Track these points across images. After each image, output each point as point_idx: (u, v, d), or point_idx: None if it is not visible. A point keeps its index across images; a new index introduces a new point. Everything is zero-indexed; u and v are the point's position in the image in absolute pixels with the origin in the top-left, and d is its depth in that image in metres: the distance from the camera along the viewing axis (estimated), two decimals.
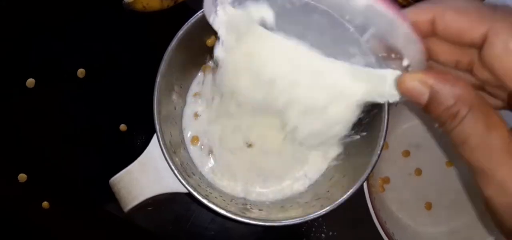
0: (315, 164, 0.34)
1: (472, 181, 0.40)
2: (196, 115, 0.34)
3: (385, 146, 0.32)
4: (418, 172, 0.41)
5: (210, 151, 0.34)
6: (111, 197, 0.39)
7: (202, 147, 0.34)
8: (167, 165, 0.28)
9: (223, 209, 0.28)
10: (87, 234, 0.40)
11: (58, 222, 0.39)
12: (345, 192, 0.29)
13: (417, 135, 0.41)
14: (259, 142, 0.33)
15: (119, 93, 0.40)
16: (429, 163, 0.41)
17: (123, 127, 0.40)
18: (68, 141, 0.40)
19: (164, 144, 0.28)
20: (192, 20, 0.29)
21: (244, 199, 0.33)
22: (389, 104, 0.29)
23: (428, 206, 0.41)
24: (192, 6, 0.41)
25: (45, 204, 0.39)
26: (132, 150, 0.40)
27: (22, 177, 0.39)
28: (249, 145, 0.33)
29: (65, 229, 0.40)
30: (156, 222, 0.40)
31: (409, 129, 0.42)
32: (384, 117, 0.28)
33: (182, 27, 0.29)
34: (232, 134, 0.33)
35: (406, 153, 0.41)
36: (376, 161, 0.28)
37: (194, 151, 0.33)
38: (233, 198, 0.33)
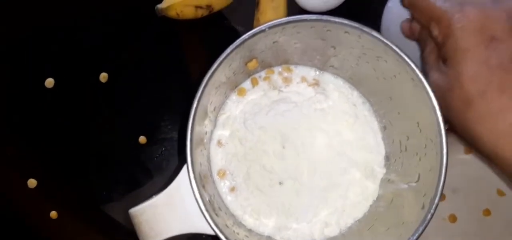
0: (351, 206, 0.31)
1: (511, 232, 0.38)
2: (220, 143, 0.31)
3: None
4: (453, 218, 0.39)
5: (236, 186, 0.31)
6: (123, 213, 0.37)
7: (227, 180, 0.31)
8: (194, 200, 0.26)
9: None
10: None
11: (65, 234, 0.37)
12: None
13: (455, 178, 0.39)
14: (290, 180, 0.31)
15: (141, 103, 0.38)
16: (466, 209, 0.38)
17: (142, 139, 0.38)
18: (83, 149, 0.37)
19: (195, 178, 0.25)
20: (237, 43, 0.26)
21: (270, 239, 0.31)
22: (447, 160, 0.26)
23: None
24: (227, 16, 0.38)
25: (53, 214, 0.37)
26: (149, 165, 0.37)
27: (32, 182, 0.37)
28: (280, 183, 0.31)
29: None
30: None
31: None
32: (442, 172, 0.26)
33: (226, 50, 0.26)
34: (260, 171, 0.31)
35: (442, 197, 0.39)
36: (429, 221, 0.26)
37: (220, 183, 0.31)
38: (260, 238, 0.30)
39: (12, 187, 0.37)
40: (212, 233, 0.26)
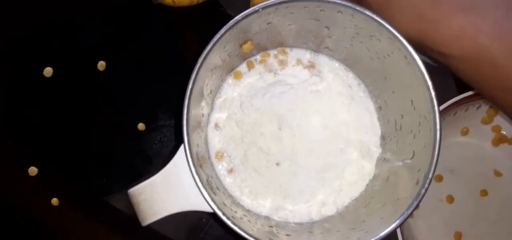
0: (348, 186, 0.32)
1: (508, 213, 0.38)
2: (217, 126, 0.32)
3: None
4: (450, 199, 0.39)
5: (233, 168, 0.31)
6: (123, 199, 0.37)
7: (225, 162, 0.31)
8: (192, 179, 0.26)
9: (249, 234, 0.26)
10: (95, 236, 0.38)
11: (66, 221, 0.38)
12: (385, 226, 0.26)
13: (451, 159, 0.39)
14: (287, 161, 0.31)
15: (140, 90, 0.38)
16: (463, 190, 0.39)
17: (141, 126, 0.38)
18: (83, 137, 0.38)
19: (192, 158, 0.26)
20: (230, 24, 0.26)
21: (268, 218, 0.31)
22: (441, 137, 0.26)
23: (458, 236, 0.38)
24: (223, 4, 0.38)
25: (55, 200, 0.37)
26: (149, 152, 0.38)
27: (33, 170, 0.37)
28: (277, 164, 0.31)
29: (73, 229, 0.38)
30: (169, 228, 0.38)
31: (443, 152, 0.39)
32: (435, 147, 0.26)
33: (219, 31, 0.26)
34: (257, 153, 0.31)
35: (439, 178, 0.39)
36: (423, 196, 0.26)
37: (218, 165, 0.31)
38: (257, 218, 0.30)
39: (12, 175, 0.37)
40: (209, 210, 0.26)
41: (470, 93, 0.34)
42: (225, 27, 0.26)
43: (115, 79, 0.38)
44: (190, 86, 0.26)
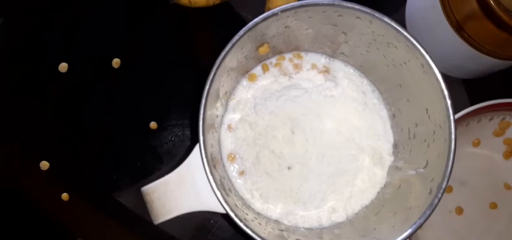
0: (359, 193, 0.32)
1: None
2: (230, 127, 0.32)
3: None
4: (459, 210, 0.39)
5: (245, 170, 0.31)
6: (132, 196, 0.37)
7: (237, 164, 0.31)
8: (205, 180, 0.26)
9: (260, 237, 0.26)
10: (104, 232, 0.38)
11: (76, 216, 0.38)
12: (397, 234, 0.26)
13: (462, 171, 0.39)
14: (298, 166, 0.31)
15: (153, 88, 0.38)
16: (472, 202, 0.39)
17: (153, 125, 0.38)
18: (95, 133, 0.38)
19: (207, 158, 0.26)
20: (249, 26, 0.26)
21: (278, 222, 0.31)
22: (455, 147, 0.26)
23: None
24: (238, 6, 0.39)
25: (65, 195, 0.37)
26: (160, 150, 0.38)
27: (45, 164, 0.37)
28: (289, 168, 0.31)
29: (82, 224, 0.38)
30: (177, 228, 0.38)
31: (454, 164, 0.39)
32: (450, 157, 0.26)
33: (238, 33, 0.26)
34: (269, 156, 0.31)
35: (449, 189, 0.39)
36: (436, 205, 0.26)
37: (229, 166, 0.31)
38: (268, 221, 0.30)
39: (24, 168, 0.37)
40: (222, 211, 0.26)
41: (483, 104, 0.34)
42: (244, 29, 0.26)
43: (129, 77, 0.38)
44: (207, 86, 0.26)
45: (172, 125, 0.38)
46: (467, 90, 0.40)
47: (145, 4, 0.39)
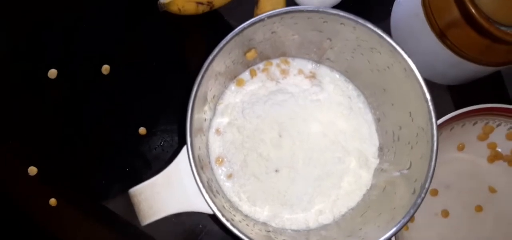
0: (345, 195, 0.32)
1: (502, 229, 0.38)
2: (218, 131, 0.32)
3: None
4: (445, 213, 0.39)
5: (233, 173, 0.32)
6: (121, 202, 0.37)
7: (224, 167, 0.32)
8: (192, 181, 0.26)
9: (248, 237, 0.26)
10: (92, 238, 0.38)
11: (64, 222, 0.38)
12: (381, 233, 0.27)
13: (447, 175, 0.39)
14: (285, 169, 0.32)
15: (142, 94, 0.39)
16: (458, 205, 0.39)
17: (142, 130, 0.38)
18: (84, 138, 0.38)
19: (194, 159, 0.26)
20: (237, 31, 0.27)
21: (266, 224, 0.31)
22: (437, 148, 0.27)
23: None
24: (227, 14, 0.39)
25: (53, 201, 0.37)
26: (149, 156, 0.38)
27: (32, 170, 0.37)
28: (276, 171, 0.32)
29: (70, 230, 0.38)
30: (166, 233, 0.38)
31: (439, 167, 0.40)
32: (432, 158, 0.26)
33: (226, 37, 0.27)
34: (257, 159, 0.32)
35: (434, 192, 0.39)
36: (419, 205, 0.26)
37: (218, 170, 0.32)
38: (255, 223, 0.31)
39: (12, 174, 0.37)
40: (209, 212, 0.26)
41: (467, 109, 0.35)
42: (231, 33, 0.27)
43: (118, 83, 0.38)
44: (195, 89, 0.27)
45: (161, 131, 0.38)
46: (452, 95, 0.41)
47: (135, 11, 0.39)
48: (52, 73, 0.38)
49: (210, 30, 0.39)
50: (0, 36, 0.39)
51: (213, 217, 0.26)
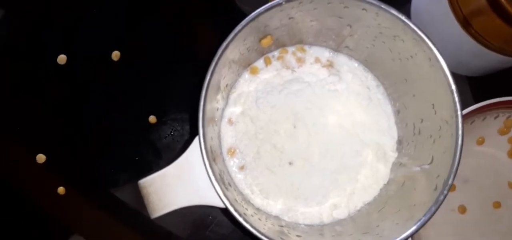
0: (362, 189, 0.31)
1: None
2: (230, 121, 0.31)
3: None
4: (462, 209, 0.38)
5: (245, 164, 0.31)
6: (129, 191, 0.37)
7: (237, 159, 0.31)
8: (204, 173, 0.25)
9: (260, 232, 0.25)
10: (100, 227, 0.37)
11: (72, 210, 0.37)
12: (400, 231, 0.25)
13: (466, 169, 0.38)
14: (300, 161, 0.30)
15: (153, 82, 0.38)
16: (476, 201, 0.38)
17: (152, 119, 0.37)
18: (93, 127, 0.37)
19: (206, 151, 0.25)
20: (252, 16, 0.26)
21: (278, 218, 0.30)
22: (462, 142, 0.25)
23: None
24: (238, 2, 0.38)
25: (61, 189, 0.36)
26: (158, 145, 0.37)
27: (41, 157, 0.37)
28: (290, 163, 0.30)
29: (78, 218, 0.37)
30: (174, 223, 0.37)
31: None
32: (457, 153, 0.25)
33: (241, 23, 0.26)
34: (271, 150, 0.30)
35: (452, 187, 0.38)
36: (441, 202, 0.25)
37: (229, 161, 0.31)
38: (267, 217, 0.30)
39: (21, 161, 0.37)
40: (221, 206, 0.25)
41: (489, 101, 0.34)
42: (246, 18, 0.26)
43: (128, 70, 0.37)
44: (208, 77, 0.25)
45: (172, 119, 0.38)
46: (471, 88, 0.39)
47: (145, 4, 0.38)
48: (62, 59, 0.37)
49: (221, 18, 0.38)
50: (0, 36, 0.38)
51: (224, 209, 0.25)
